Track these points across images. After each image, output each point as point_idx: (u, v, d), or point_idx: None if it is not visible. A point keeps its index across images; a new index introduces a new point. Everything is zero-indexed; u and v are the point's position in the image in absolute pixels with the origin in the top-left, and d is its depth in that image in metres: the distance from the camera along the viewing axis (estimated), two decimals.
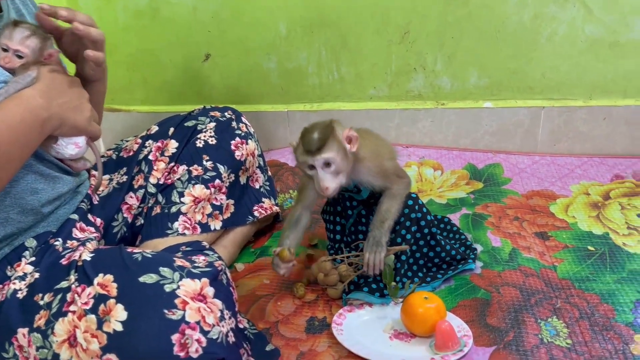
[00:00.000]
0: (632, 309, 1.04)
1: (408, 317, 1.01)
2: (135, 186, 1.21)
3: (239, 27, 1.63)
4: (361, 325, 1.04)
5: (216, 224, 1.22)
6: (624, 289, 1.09)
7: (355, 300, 1.09)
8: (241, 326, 1.03)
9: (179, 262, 0.85)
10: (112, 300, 0.79)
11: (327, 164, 0.99)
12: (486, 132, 1.64)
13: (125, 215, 1.19)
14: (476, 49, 1.56)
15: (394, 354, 0.97)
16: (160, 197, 1.20)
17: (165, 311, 0.78)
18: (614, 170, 1.51)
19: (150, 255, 0.85)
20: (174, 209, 1.18)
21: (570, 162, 1.57)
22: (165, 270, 0.82)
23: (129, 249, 0.89)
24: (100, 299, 0.80)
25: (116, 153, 1.29)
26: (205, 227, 1.20)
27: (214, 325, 0.80)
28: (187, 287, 0.81)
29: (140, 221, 1.20)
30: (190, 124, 1.29)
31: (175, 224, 1.17)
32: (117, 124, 1.79)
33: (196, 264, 0.87)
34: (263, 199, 1.35)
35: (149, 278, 0.81)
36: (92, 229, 1.07)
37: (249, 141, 1.32)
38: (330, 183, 0.99)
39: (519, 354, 0.96)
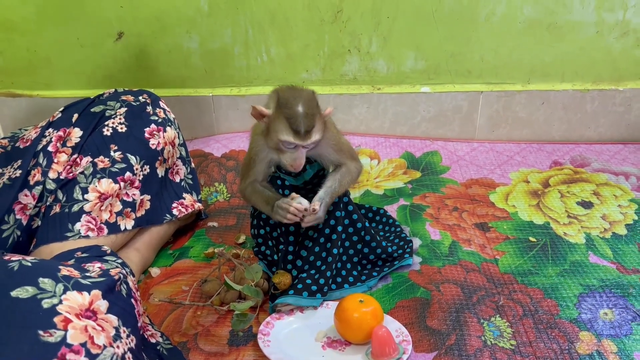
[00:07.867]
0: (576, 304, 0.99)
1: (342, 324, 0.91)
2: (31, 182, 1.07)
3: (154, 1, 1.46)
4: (291, 334, 0.94)
5: (127, 224, 1.08)
6: (567, 282, 1.04)
7: (283, 306, 0.98)
8: (153, 341, 0.90)
9: (65, 271, 0.71)
10: None
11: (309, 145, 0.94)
12: (423, 118, 1.56)
13: (18, 216, 1.04)
14: (413, 29, 1.47)
15: None
16: (60, 194, 1.05)
17: (41, 332, 0.64)
18: (552, 157, 1.47)
19: (30, 264, 0.71)
20: (75, 208, 1.03)
21: (509, 148, 1.52)
22: (45, 282, 0.68)
23: (7, 256, 0.74)
24: None
25: (11, 143, 1.14)
26: (113, 228, 1.06)
27: (104, 347, 0.67)
28: (73, 301, 0.68)
29: (38, 223, 1.05)
30: (97, 109, 1.15)
31: (77, 225, 1.02)
32: (19, 111, 1.59)
33: (87, 274, 0.73)
34: (184, 195, 1.22)
35: (23, 292, 0.66)
36: None
37: (168, 128, 1.18)
38: (303, 159, 0.94)
39: (461, 359, 0.88)
